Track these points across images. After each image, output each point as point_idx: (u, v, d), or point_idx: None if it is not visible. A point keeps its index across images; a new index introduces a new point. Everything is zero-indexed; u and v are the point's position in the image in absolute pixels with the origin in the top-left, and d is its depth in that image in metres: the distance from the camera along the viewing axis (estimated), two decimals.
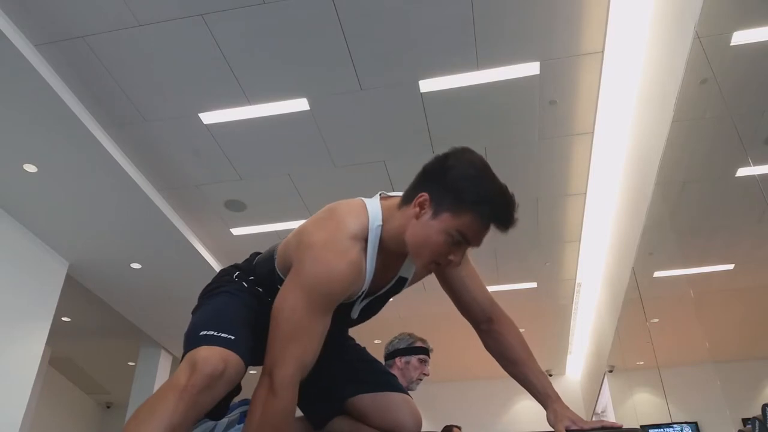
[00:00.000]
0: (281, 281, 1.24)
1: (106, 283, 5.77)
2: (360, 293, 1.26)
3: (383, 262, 1.25)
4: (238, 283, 1.34)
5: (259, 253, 1.44)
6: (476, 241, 1.18)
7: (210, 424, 1.40)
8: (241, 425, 1.35)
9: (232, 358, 1.10)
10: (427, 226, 1.16)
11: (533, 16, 3.38)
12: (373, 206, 1.25)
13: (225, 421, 1.41)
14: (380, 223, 1.22)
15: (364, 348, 1.57)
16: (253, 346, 1.19)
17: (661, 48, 3.19)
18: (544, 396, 1.31)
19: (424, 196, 1.18)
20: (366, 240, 1.21)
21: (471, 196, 1.14)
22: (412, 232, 1.18)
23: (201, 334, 1.13)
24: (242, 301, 1.28)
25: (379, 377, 1.49)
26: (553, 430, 1.28)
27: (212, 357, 1.08)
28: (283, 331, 1.13)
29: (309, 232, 1.23)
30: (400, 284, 1.36)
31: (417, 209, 1.18)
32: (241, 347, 1.14)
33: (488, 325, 1.40)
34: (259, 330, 1.20)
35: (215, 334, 1.13)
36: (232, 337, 1.13)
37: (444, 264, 1.20)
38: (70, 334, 7.32)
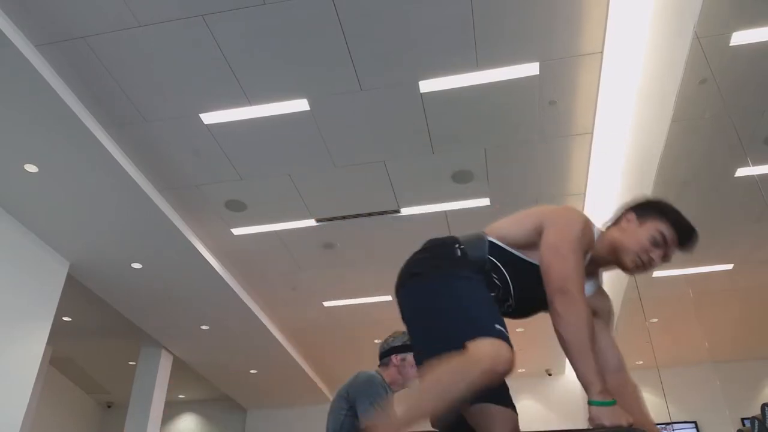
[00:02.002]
0: (503, 252, 1.46)
1: (106, 283, 5.78)
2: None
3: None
4: (469, 265, 1.44)
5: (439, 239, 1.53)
6: (671, 246, 1.45)
7: None
8: None
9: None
10: (635, 230, 1.47)
11: (533, 16, 3.39)
12: None
13: None
14: (600, 229, 1.55)
15: None
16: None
17: (660, 48, 3.19)
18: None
19: (631, 213, 1.51)
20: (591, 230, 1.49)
21: (671, 212, 1.47)
22: (622, 235, 1.48)
23: (497, 327, 1.27)
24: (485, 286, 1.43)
25: (502, 391, 1.50)
26: (552, 430, 1.33)
27: (512, 358, 1.22)
28: (561, 256, 1.36)
29: (557, 207, 1.56)
30: None
31: (625, 222, 1.50)
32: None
33: (613, 374, 1.50)
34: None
35: (504, 330, 1.27)
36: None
37: (645, 262, 1.44)
38: (71, 334, 7.33)
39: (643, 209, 1.50)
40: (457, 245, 1.47)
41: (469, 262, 1.43)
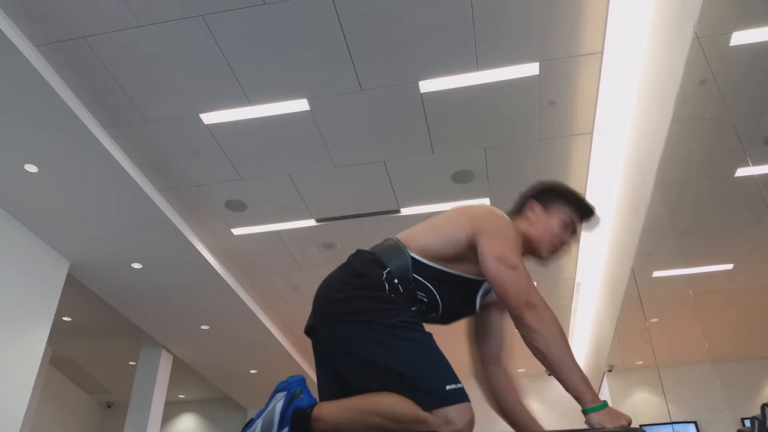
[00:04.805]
0: (429, 269, 1.38)
1: (106, 283, 5.78)
2: None
3: None
4: (403, 304, 1.35)
5: (365, 251, 1.44)
6: (578, 227, 1.54)
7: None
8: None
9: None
10: (544, 220, 1.52)
11: (533, 16, 3.39)
12: None
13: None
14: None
15: None
16: None
17: (660, 48, 3.20)
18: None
19: (534, 202, 1.56)
20: None
21: (570, 194, 1.57)
22: (533, 227, 1.51)
23: (455, 387, 1.24)
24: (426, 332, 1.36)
25: None
26: (551, 430, 1.32)
27: (472, 416, 1.23)
28: (511, 267, 1.32)
29: (478, 209, 1.48)
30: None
31: (530, 213, 1.54)
32: None
33: (495, 366, 1.57)
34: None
35: (461, 387, 1.25)
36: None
37: (560, 248, 1.52)
38: (71, 334, 7.33)
39: (545, 196, 1.56)
40: (384, 273, 1.34)
41: (398, 300, 1.33)
